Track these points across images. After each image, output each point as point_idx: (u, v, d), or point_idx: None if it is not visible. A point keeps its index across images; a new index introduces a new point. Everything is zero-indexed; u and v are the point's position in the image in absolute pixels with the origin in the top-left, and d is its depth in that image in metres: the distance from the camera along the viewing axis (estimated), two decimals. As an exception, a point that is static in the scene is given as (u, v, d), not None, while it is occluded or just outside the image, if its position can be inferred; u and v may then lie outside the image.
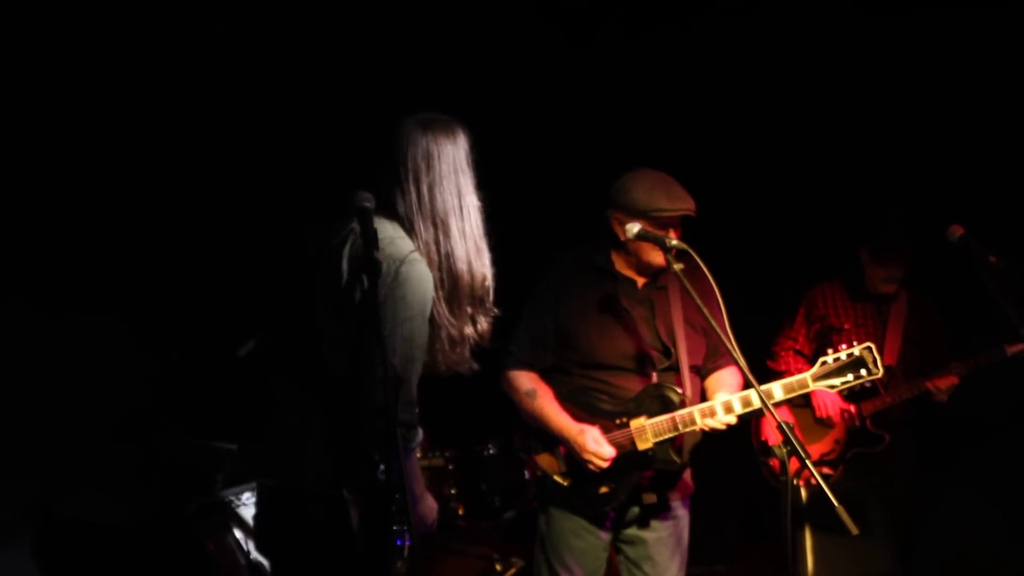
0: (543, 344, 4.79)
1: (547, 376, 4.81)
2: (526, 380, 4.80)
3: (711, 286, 4.51)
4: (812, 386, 4.57)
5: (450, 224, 3.66)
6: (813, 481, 4.04)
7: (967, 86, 6.45)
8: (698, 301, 4.30)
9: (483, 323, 3.77)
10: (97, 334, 5.44)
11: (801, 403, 6.22)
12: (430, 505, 3.90)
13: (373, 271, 3.36)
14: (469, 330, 3.74)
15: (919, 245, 6.10)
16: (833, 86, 6.63)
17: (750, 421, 6.31)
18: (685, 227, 4.65)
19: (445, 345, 3.69)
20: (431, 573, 5.67)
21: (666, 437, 4.61)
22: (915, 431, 6.32)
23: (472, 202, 3.72)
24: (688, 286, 4.31)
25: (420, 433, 3.68)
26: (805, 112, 6.68)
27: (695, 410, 4.60)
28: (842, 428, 6.17)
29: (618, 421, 4.65)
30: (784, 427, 3.98)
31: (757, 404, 4.54)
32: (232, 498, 5.04)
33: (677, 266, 4.34)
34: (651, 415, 4.62)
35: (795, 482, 5.87)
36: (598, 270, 4.80)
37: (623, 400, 4.69)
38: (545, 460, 4.77)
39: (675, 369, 4.75)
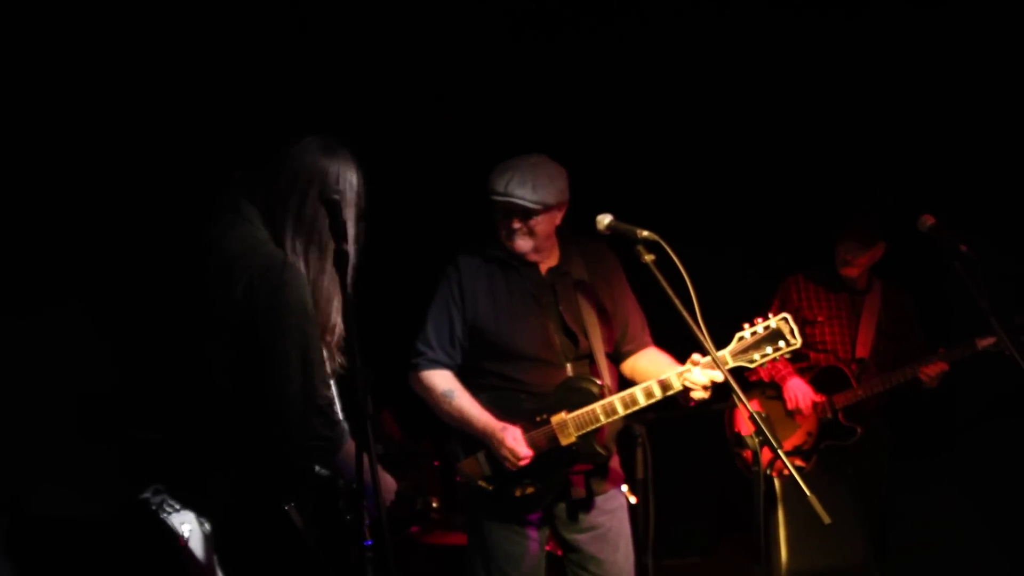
0: (454, 341, 4.68)
1: (459, 377, 4.70)
2: (442, 380, 4.66)
3: (619, 269, 4.59)
4: (732, 362, 4.45)
5: (325, 252, 3.57)
6: (786, 472, 4.04)
7: (940, 77, 6.47)
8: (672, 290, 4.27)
9: (338, 358, 3.66)
10: (65, 328, 5.41)
11: (773, 395, 6.24)
12: (388, 484, 3.82)
13: (342, 263, 3.34)
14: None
15: (880, 236, 6.12)
16: (808, 79, 6.65)
17: (723, 413, 6.32)
18: (538, 217, 4.54)
19: None
20: (406, 564, 5.66)
21: (589, 429, 4.54)
22: (888, 423, 6.34)
23: (349, 239, 3.58)
24: (660, 277, 4.26)
25: (345, 429, 3.65)
26: (780, 105, 6.70)
27: (616, 399, 4.53)
28: (814, 420, 6.18)
29: (538, 419, 4.58)
30: (756, 417, 3.98)
31: (677, 387, 4.47)
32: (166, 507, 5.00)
33: (648, 257, 4.30)
34: (571, 408, 4.55)
35: (768, 473, 5.88)
36: (498, 261, 4.70)
37: (541, 396, 4.60)
38: (468, 465, 4.66)
39: (589, 358, 4.67)
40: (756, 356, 4.48)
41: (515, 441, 4.52)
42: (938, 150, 6.51)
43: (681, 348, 4.51)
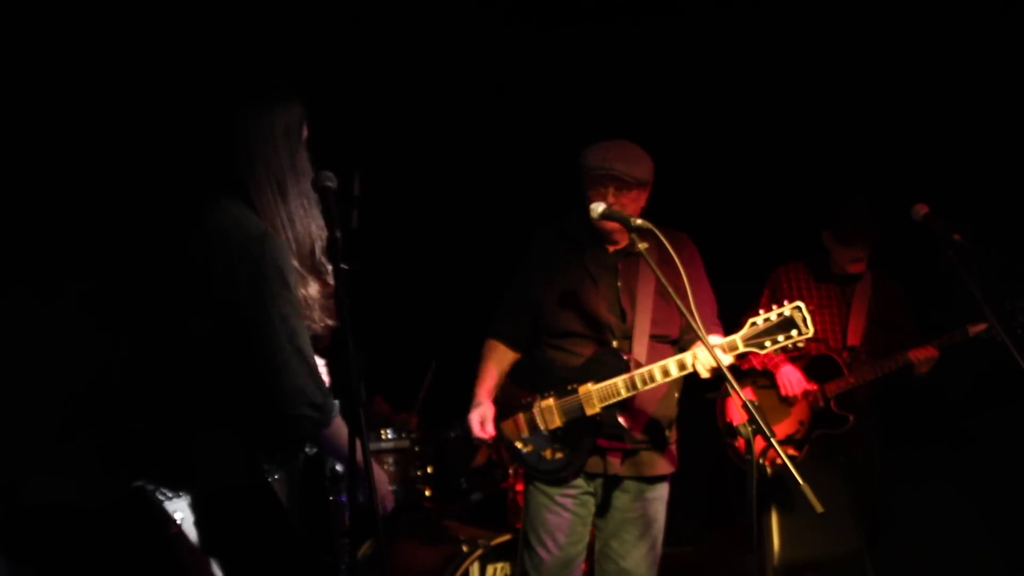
0: (516, 311, 4.97)
1: (528, 347, 4.97)
2: (488, 347, 5.02)
3: (692, 256, 4.75)
4: (742, 348, 4.55)
5: (287, 187, 3.60)
6: (779, 461, 4.04)
7: (933, 67, 6.47)
8: (662, 278, 4.31)
9: (314, 286, 3.66)
10: (59, 316, 5.40)
11: (766, 384, 6.23)
12: (381, 478, 3.87)
13: (335, 251, 3.34)
14: (313, 290, 3.66)
15: (882, 225, 6.11)
16: (800, 69, 6.65)
17: (715, 401, 6.33)
18: (630, 192, 4.71)
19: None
20: (397, 555, 5.66)
21: (612, 401, 4.67)
22: (880, 411, 6.34)
23: (304, 168, 3.65)
24: (650, 262, 4.32)
25: (336, 403, 3.66)
26: (772, 95, 6.70)
27: (636, 374, 4.64)
28: (806, 409, 6.18)
29: (568, 387, 4.74)
30: (749, 406, 3.98)
31: (690, 368, 4.58)
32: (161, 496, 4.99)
33: (642, 245, 4.35)
34: (597, 380, 4.69)
35: (760, 462, 5.88)
36: (569, 239, 4.90)
37: (575, 368, 4.77)
38: (507, 426, 4.88)
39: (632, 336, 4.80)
40: (767, 343, 4.57)
41: (475, 419, 4.87)
42: (930, 139, 6.51)
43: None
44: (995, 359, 5.16)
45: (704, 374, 4.58)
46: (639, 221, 4.38)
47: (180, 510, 4.66)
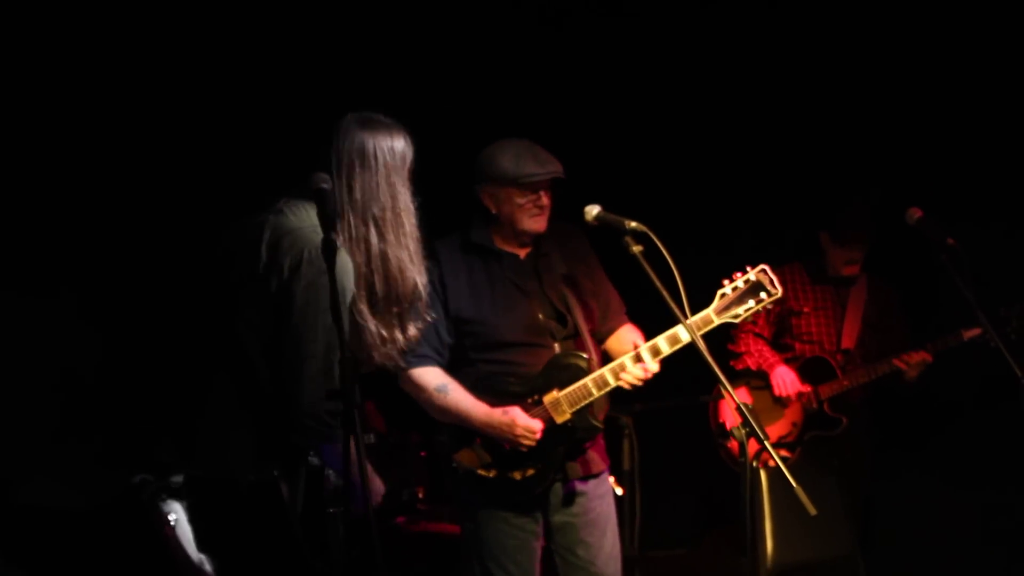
0: (440, 337, 4.65)
1: (448, 371, 4.69)
2: (433, 376, 4.63)
3: (591, 249, 4.62)
4: (716, 320, 4.45)
5: (385, 224, 3.64)
6: (772, 463, 4.03)
7: (930, 69, 6.48)
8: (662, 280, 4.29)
9: (412, 328, 3.74)
10: (55, 317, 5.41)
11: (760, 385, 6.24)
12: (376, 487, 3.90)
13: (330, 253, 3.35)
14: (398, 334, 3.71)
15: (879, 227, 6.12)
16: (794, 68, 6.65)
17: (708, 404, 6.34)
18: (555, 191, 4.62)
19: (377, 343, 3.68)
20: (393, 555, 5.66)
21: (583, 404, 4.55)
22: (872, 414, 6.36)
23: (407, 206, 3.70)
24: (648, 268, 4.26)
25: None
26: (770, 96, 6.69)
27: (606, 370, 4.54)
28: (799, 411, 6.20)
29: (530, 400, 4.59)
30: (743, 408, 3.98)
31: (666, 350, 4.48)
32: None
33: (636, 248, 4.30)
34: (562, 386, 4.57)
35: (754, 464, 5.88)
36: (479, 250, 4.71)
37: (530, 378, 4.61)
38: (465, 456, 4.64)
39: (575, 336, 4.69)
40: (740, 310, 4.49)
41: (524, 419, 4.53)
42: (924, 142, 6.52)
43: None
44: (984, 362, 5.18)
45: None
46: (634, 224, 4.31)
47: (174, 511, 4.68)
